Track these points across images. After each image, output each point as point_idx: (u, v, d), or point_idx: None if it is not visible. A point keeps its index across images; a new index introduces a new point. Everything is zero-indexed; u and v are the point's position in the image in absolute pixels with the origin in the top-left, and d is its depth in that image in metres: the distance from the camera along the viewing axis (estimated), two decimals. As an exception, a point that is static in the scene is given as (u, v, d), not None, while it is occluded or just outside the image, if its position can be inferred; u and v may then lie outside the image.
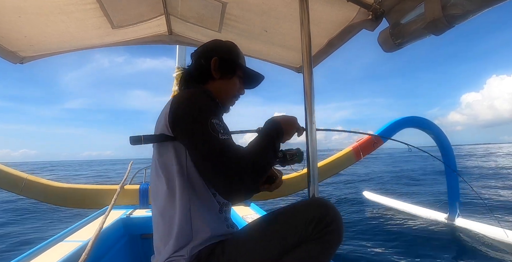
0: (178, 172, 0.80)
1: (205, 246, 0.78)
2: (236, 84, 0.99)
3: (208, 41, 1.05)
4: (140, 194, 2.15)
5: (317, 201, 0.83)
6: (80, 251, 1.14)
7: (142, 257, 1.83)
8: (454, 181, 3.30)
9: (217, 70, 0.96)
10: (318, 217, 0.76)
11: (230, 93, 0.99)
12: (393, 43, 1.16)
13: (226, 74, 0.97)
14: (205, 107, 0.80)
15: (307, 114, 0.96)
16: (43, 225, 4.85)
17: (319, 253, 0.76)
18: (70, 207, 2.30)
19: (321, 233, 0.76)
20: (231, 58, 0.98)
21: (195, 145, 0.76)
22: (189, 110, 0.79)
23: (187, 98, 0.83)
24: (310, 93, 0.96)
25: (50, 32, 1.52)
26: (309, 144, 0.95)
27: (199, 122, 0.76)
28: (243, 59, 1.03)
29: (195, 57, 1.02)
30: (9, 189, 2.17)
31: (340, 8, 1.27)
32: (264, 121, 0.93)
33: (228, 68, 0.97)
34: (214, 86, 0.97)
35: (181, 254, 0.77)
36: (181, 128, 0.79)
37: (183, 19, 1.72)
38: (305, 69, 0.96)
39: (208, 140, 0.74)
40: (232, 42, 1.04)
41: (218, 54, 0.97)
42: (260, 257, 0.77)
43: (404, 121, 3.25)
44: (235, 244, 0.79)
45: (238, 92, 1.02)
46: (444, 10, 0.87)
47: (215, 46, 1.02)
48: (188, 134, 0.78)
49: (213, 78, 0.97)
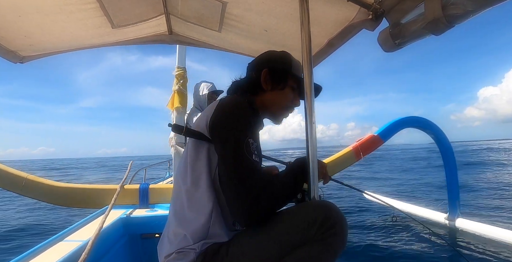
0: (207, 173, 0.82)
1: (213, 242, 0.81)
2: (289, 95, 0.98)
3: (262, 53, 1.04)
4: (140, 194, 2.15)
5: (321, 203, 0.83)
6: (80, 251, 1.14)
7: (142, 257, 1.83)
8: (454, 181, 3.30)
9: (267, 82, 0.95)
10: (321, 219, 0.76)
11: (282, 105, 0.98)
12: (393, 43, 1.16)
13: (277, 85, 0.96)
14: (246, 122, 0.81)
15: (307, 114, 0.96)
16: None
17: (321, 255, 0.76)
18: (70, 206, 2.29)
19: (324, 235, 0.75)
20: (283, 68, 0.97)
21: (226, 158, 0.77)
22: (231, 121, 0.80)
23: (232, 107, 0.82)
24: (310, 93, 0.96)
25: (50, 31, 1.51)
26: (309, 144, 0.95)
27: (236, 137, 0.77)
28: (298, 69, 1.00)
29: (247, 69, 1.02)
30: (9, 188, 2.16)
31: (340, 8, 1.27)
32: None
33: (279, 79, 0.96)
34: (265, 98, 0.97)
35: (193, 247, 0.80)
36: (219, 135, 0.80)
37: (183, 19, 1.71)
38: (305, 69, 0.96)
39: (239, 157, 0.75)
40: (285, 52, 1.03)
41: (269, 65, 0.96)
42: (262, 258, 0.77)
43: (404, 121, 3.25)
44: (238, 244, 0.80)
45: (292, 104, 1.00)
46: (444, 10, 0.86)
47: (267, 57, 1.01)
48: (222, 144, 0.79)
49: (263, 90, 0.96)
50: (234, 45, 1.96)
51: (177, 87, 2.78)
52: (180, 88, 2.79)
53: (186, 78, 2.86)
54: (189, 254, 0.80)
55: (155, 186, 2.22)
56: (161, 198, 2.14)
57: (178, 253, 0.81)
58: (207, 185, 0.81)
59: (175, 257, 0.81)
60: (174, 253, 0.82)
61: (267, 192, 0.75)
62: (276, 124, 1.03)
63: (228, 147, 0.77)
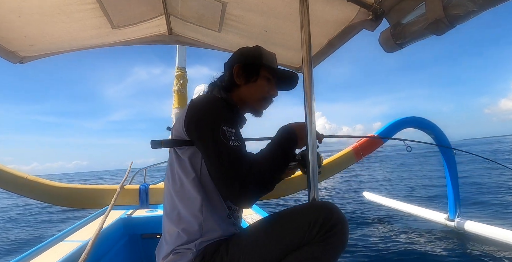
0: (191, 174, 0.83)
1: (211, 242, 0.81)
2: (263, 86, 0.98)
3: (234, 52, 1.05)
4: (140, 194, 2.15)
5: (322, 204, 0.83)
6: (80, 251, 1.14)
7: (142, 257, 1.83)
8: (454, 181, 3.30)
9: (240, 76, 0.97)
10: (322, 219, 0.76)
11: (259, 96, 0.99)
12: (394, 43, 1.16)
13: (250, 78, 0.97)
14: (218, 113, 0.82)
15: (307, 115, 0.96)
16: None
17: (322, 256, 0.75)
18: (70, 207, 2.29)
19: (325, 236, 0.75)
20: (254, 61, 0.98)
21: (206, 151, 0.79)
22: (202, 116, 0.82)
23: (201, 103, 0.85)
24: (310, 93, 0.96)
25: (50, 32, 1.51)
26: (309, 144, 0.95)
27: (210, 129, 0.79)
28: (270, 59, 1.01)
29: (224, 69, 1.03)
30: (9, 189, 2.16)
31: (340, 8, 1.27)
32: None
33: (251, 72, 0.97)
34: (241, 92, 0.98)
35: (189, 247, 0.80)
36: (195, 133, 0.81)
37: (183, 19, 1.71)
38: (305, 69, 0.96)
39: (217, 147, 0.77)
40: (257, 46, 1.04)
41: (240, 61, 0.98)
42: (263, 257, 0.77)
43: (404, 121, 3.25)
44: (238, 244, 0.80)
45: (269, 94, 1.00)
46: (445, 10, 0.86)
47: (237, 54, 1.02)
48: (200, 140, 0.80)
49: (238, 85, 0.97)
50: (234, 45, 1.96)
51: (177, 88, 2.78)
52: (179, 88, 2.79)
53: (186, 78, 2.86)
54: (186, 254, 0.80)
55: (155, 186, 2.22)
56: (162, 198, 2.13)
57: (174, 254, 0.81)
58: (193, 183, 0.83)
59: (172, 258, 0.81)
60: (171, 254, 0.82)
61: (254, 170, 0.76)
62: (257, 117, 1.04)
63: (206, 141, 0.79)
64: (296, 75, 1.05)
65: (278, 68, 1.02)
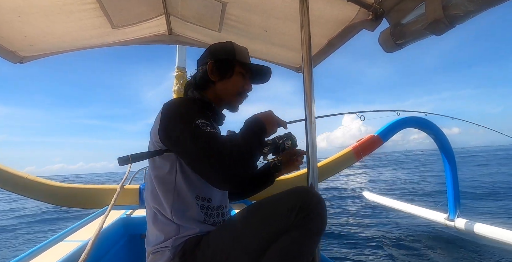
0: (162, 174, 0.86)
1: (189, 237, 0.81)
2: (238, 82, 0.99)
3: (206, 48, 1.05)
4: (140, 194, 2.15)
5: (299, 189, 0.83)
6: (80, 251, 1.14)
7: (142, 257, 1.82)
8: (455, 181, 3.30)
9: (214, 73, 0.97)
10: (300, 204, 0.76)
11: (234, 92, 0.99)
12: (394, 43, 1.16)
13: (224, 75, 0.97)
14: (189, 110, 0.83)
15: (307, 115, 0.96)
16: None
17: (303, 240, 0.76)
18: (70, 207, 2.29)
19: (304, 220, 0.75)
20: (227, 57, 0.98)
21: (184, 145, 0.77)
22: (174, 115, 0.82)
23: (174, 104, 0.85)
24: (310, 93, 0.96)
25: (50, 32, 1.51)
26: (309, 144, 0.95)
27: (184, 123, 0.78)
28: (243, 55, 1.01)
29: (197, 67, 1.03)
30: (9, 188, 2.16)
31: (340, 8, 1.27)
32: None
33: (225, 68, 0.97)
34: (216, 89, 0.98)
35: (165, 245, 0.81)
36: (170, 133, 0.81)
37: (183, 19, 1.71)
38: (305, 69, 0.96)
39: (195, 135, 0.75)
40: (229, 41, 1.03)
41: (213, 57, 0.98)
42: (246, 247, 0.77)
43: (404, 121, 3.25)
44: (220, 235, 0.80)
45: (243, 89, 1.00)
46: (445, 10, 0.86)
47: (210, 51, 1.02)
48: (176, 137, 0.79)
49: (212, 82, 0.97)
50: (234, 45, 1.97)
51: (177, 88, 2.78)
52: (179, 88, 2.78)
53: (186, 78, 2.86)
54: (164, 253, 0.81)
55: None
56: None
57: (154, 253, 0.83)
58: (164, 184, 0.85)
59: (152, 258, 0.83)
60: (151, 254, 0.84)
61: (233, 150, 0.74)
62: (232, 112, 1.04)
63: (182, 134, 0.77)
64: (269, 69, 1.05)
65: (251, 63, 1.02)
